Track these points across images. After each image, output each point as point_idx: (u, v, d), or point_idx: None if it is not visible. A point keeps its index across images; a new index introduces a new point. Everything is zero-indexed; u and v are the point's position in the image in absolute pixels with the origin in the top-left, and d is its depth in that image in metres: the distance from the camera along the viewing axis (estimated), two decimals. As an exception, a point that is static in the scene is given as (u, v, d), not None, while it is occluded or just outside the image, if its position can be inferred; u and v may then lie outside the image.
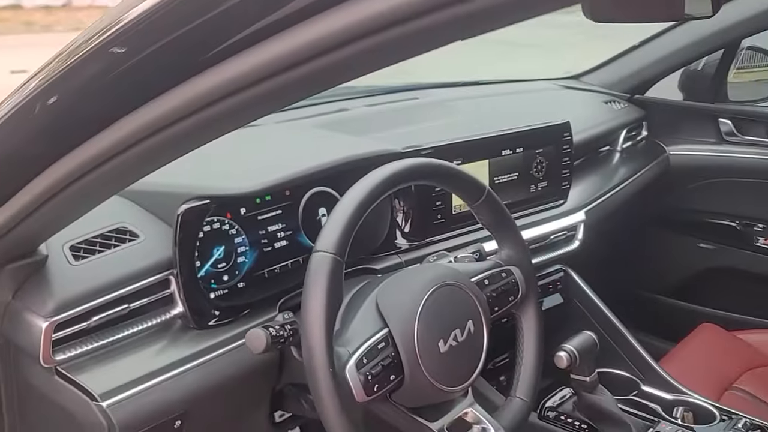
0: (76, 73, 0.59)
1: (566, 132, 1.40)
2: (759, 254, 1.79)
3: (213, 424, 0.95)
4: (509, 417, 0.97)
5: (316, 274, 0.79)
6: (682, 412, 1.25)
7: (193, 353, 0.90)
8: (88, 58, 0.56)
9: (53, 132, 0.65)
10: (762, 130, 1.77)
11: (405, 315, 0.86)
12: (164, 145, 0.59)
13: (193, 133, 0.57)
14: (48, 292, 0.82)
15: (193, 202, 0.91)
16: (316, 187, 1.09)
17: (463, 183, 0.98)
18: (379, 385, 0.82)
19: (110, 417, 0.80)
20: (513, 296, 1.02)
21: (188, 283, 0.91)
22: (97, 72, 0.58)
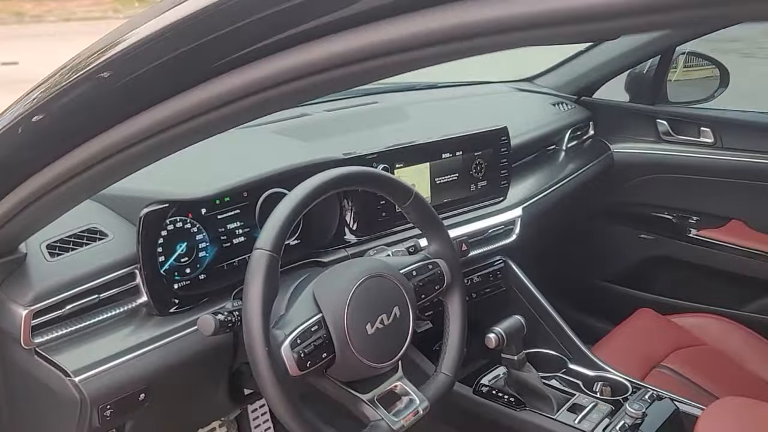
0: (60, 97, 0.69)
1: (504, 136, 1.54)
2: (692, 245, 1.94)
3: (174, 397, 1.07)
4: (433, 390, 1.11)
5: (254, 268, 0.92)
6: (601, 387, 1.39)
7: (155, 336, 1.02)
8: (75, 83, 0.66)
9: (35, 147, 0.74)
10: (695, 130, 1.91)
11: (336, 302, 1.00)
12: (130, 159, 0.69)
13: (154, 149, 0.67)
14: (27, 285, 0.94)
15: (154, 205, 1.03)
16: (271, 188, 1.21)
17: (391, 187, 1.11)
18: (312, 361, 0.95)
19: (82, 390, 0.92)
20: (439, 285, 1.15)
21: (151, 275, 1.04)
22: (78, 96, 0.67)
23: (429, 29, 0.44)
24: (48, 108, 0.71)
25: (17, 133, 0.75)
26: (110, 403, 0.96)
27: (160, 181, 1.11)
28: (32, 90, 0.76)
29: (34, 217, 0.82)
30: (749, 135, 1.85)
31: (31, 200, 0.77)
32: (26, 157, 0.75)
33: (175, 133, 0.64)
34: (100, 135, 0.67)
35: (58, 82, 0.69)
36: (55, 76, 0.72)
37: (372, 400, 1.04)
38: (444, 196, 1.45)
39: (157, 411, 1.05)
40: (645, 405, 1.29)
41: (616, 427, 1.26)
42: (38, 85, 0.75)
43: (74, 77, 0.67)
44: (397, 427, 1.02)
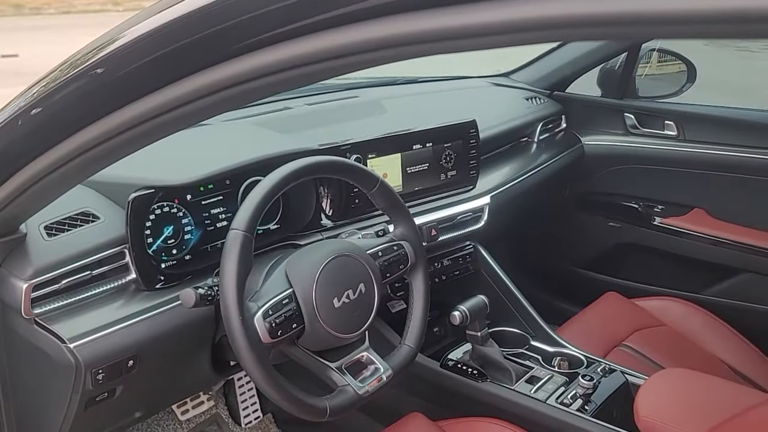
0: (57, 92, 0.76)
1: (472, 128, 1.64)
2: (657, 232, 2.04)
3: (161, 365, 1.17)
4: (397, 360, 1.22)
5: (230, 247, 1.03)
6: (559, 361, 1.50)
7: (143, 309, 1.12)
8: (71, 79, 0.74)
9: (34, 137, 0.82)
10: (660, 123, 2.01)
11: (306, 278, 1.10)
12: (119, 146, 0.76)
13: (139, 137, 0.75)
14: (27, 261, 1.03)
15: (142, 191, 1.13)
16: (252, 176, 1.31)
17: (358, 175, 1.22)
18: (282, 331, 1.06)
19: (76, 355, 1.02)
20: (403, 265, 1.26)
21: (139, 255, 1.13)
22: (73, 90, 0.75)
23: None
24: (45, 102, 0.79)
25: (17, 125, 0.84)
26: (102, 367, 1.05)
27: (149, 168, 1.20)
28: (34, 84, 0.85)
29: (33, 199, 0.90)
30: (710, 128, 1.94)
31: (29, 184, 0.85)
32: (26, 145, 0.83)
33: (157, 123, 0.72)
34: (91, 125, 0.75)
35: (57, 77, 0.79)
36: (55, 71, 0.82)
37: (340, 368, 1.15)
38: (415, 185, 1.55)
39: (144, 377, 1.15)
40: (597, 377, 1.41)
41: (568, 396, 1.37)
42: (40, 79, 0.84)
43: (71, 73, 0.75)
44: (362, 392, 1.13)
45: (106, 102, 0.73)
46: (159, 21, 0.66)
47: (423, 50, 0.53)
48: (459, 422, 1.33)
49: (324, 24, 0.55)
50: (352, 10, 0.52)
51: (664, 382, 1.28)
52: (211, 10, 0.61)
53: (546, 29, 0.45)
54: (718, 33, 0.41)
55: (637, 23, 0.41)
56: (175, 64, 0.66)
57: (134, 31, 0.69)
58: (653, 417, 1.19)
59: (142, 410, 1.28)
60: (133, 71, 0.69)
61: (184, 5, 0.64)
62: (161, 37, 0.66)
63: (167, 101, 0.69)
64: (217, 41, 0.62)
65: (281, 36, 0.58)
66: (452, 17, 0.47)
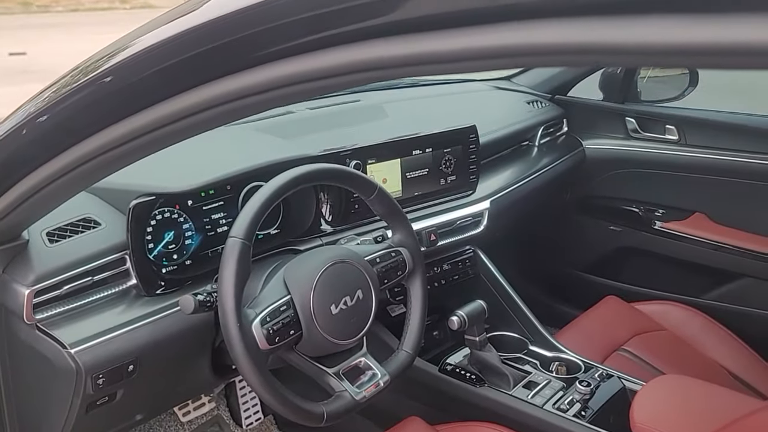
0: (65, 100, 0.77)
1: (472, 134, 1.65)
2: (657, 236, 2.05)
3: (160, 369, 1.19)
4: (394, 365, 1.23)
5: (228, 254, 1.04)
6: (556, 366, 1.51)
7: (143, 314, 1.13)
8: (80, 87, 0.75)
9: (38, 145, 0.83)
10: (660, 127, 2.01)
11: (303, 285, 1.12)
12: (121, 156, 0.77)
13: (142, 147, 0.76)
14: (29, 267, 1.04)
15: (142, 197, 1.14)
16: (253, 182, 1.31)
17: (357, 182, 1.23)
18: (280, 337, 1.07)
19: (77, 360, 1.04)
20: (401, 271, 1.27)
21: (139, 261, 1.15)
22: (81, 99, 0.76)
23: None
24: (52, 110, 0.80)
25: (22, 134, 0.86)
26: (102, 372, 1.07)
27: (150, 175, 1.21)
28: (44, 90, 0.86)
29: (37, 207, 0.91)
30: (711, 133, 1.95)
31: (33, 192, 0.86)
32: (30, 153, 0.84)
33: (162, 133, 0.73)
34: (98, 133, 0.75)
35: (68, 83, 0.80)
36: (66, 77, 0.83)
37: (337, 373, 1.16)
38: (414, 190, 1.56)
39: (145, 381, 1.16)
40: (594, 383, 1.41)
41: (565, 401, 1.38)
42: (50, 85, 0.85)
43: (80, 81, 0.76)
44: (358, 397, 1.14)
45: (113, 111, 0.73)
46: (168, 32, 0.67)
47: (428, 70, 0.54)
48: (457, 427, 1.34)
49: (332, 41, 0.56)
50: (366, 26, 0.53)
51: (660, 388, 1.29)
52: (220, 23, 0.62)
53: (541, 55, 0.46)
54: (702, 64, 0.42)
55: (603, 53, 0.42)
56: (182, 75, 0.67)
57: (143, 41, 0.70)
58: (649, 423, 1.20)
59: (143, 413, 1.30)
60: (141, 81, 0.70)
61: (194, 17, 0.65)
62: (169, 48, 0.67)
63: (172, 112, 0.70)
64: (224, 54, 0.63)
65: (292, 50, 0.59)
66: (457, 40, 0.49)
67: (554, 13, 0.43)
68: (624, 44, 0.40)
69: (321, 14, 0.55)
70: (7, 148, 0.87)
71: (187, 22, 0.65)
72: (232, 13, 0.60)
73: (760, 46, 0.35)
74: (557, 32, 0.42)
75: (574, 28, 0.42)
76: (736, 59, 0.38)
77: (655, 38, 0.38)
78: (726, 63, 0.38)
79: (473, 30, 0.46)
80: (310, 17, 0.56)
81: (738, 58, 0.37)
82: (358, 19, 0.52)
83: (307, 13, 0.56)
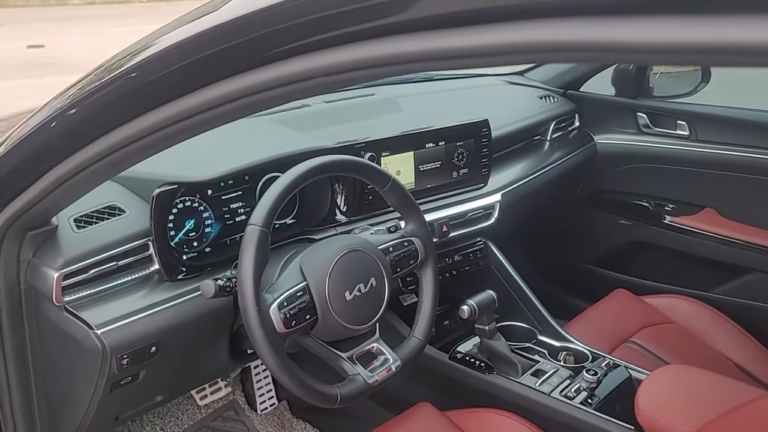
0: (91, 95, 0.82)
1: (484, 128, 1.68)
2: (667, 230, 2.07)
3: (181, 352, 1.24)
4: (406, 351, 1.27)
5: (247, 241, 1.08)
6: (564, 356, 1.54)
7: (165, 298, 1.18)
8: (106, 83, 0.79)
9: (67, 137, 0.87)
10: (671, 123, 2.03)
11: (319, 272, 1.16)
12: (145, 147, 0.82)
13: (165, 139, 0.81)
14: (58, 252, 1.09)
15: (165, 186, 1.18)
16: (270, 173, 1.35)
17: (371, 174, 1.26)
18: (297, 321, 1.11)
19: (103, 341, 1.09)
20: (413, 260, 1.31)
21: (162, 247, 1.19)
22: (107, 94, 0.80)
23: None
24: (80, 105, 0.85)
25: (52, 127, 0.90)
26: (126, 353, 1.12)
27: (173, 165, 1.25)
28: (70, 87, 0.91)
29: (65, 194, 0.96)
30: (722, 128, 1.96)
31: (62, 181, 0.91)
32: (60, 145, 0.89)
33: (182, 126, 0.78)
34: (121, 127, 0.80)
35: (92, 81, 0.84)
36: (90, 75, 0.87)
37: (351, 358, 1.20)
38: (427, 182, 1.60)
39: (166, 363, 1.21)
40: (601, 372, 1.45)
41: (572, 389, 1.41)
42: (76, 82, 0.90)
43: (106, 77, 0.81)
44: (371, 381, 1.18)
45: (138, 105, 0.78)
46: (189, 32, 0.71)
47: (439, 66, 0.58)
48: (466, 412, 1.38)
49: (343, 39, 0.60)
50: (379, 24, 0.56)
51: (665, 377, 1.32)
52: (241, 22, 0.66)
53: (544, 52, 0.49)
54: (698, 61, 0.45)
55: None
56: (202, 72, 0.71)
57: (166, 39, 0.74)
58: (653, 411, 1.23)
59: (163, 394, 1.35)
60: (163, 77, 0.74)
61: (216, 17, 0.69)
62: (191, 46, 0.71)
63: (194, 106, 0.74)
64: (245, 51, 0.67)
65: (307, 47, 0.63)
66: (467, 38, 0.52)
67: (569, 12, 0.46)
68: (635, 43, 0.43)
69: (340, 12, 0.58)
70: (38, 140, 0.92)
71: (209, 21, 0.69)
72: (252, 12, 0.64)
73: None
74: (573, 31, 0.46)
75: (587, 27, 0.45)
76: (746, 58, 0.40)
77: (668, 38, 0.41)
78: (737, 61, 0.41)
79: (491, 28, 0.50)
80: (329, 15, 0.59)
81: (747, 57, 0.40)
82: (379, 16, 0.56)
83: (325, 12, 0.59)
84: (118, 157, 0.84)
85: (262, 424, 1.91)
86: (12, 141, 0.95)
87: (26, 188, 0.95)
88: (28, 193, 0.95)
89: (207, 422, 1.87)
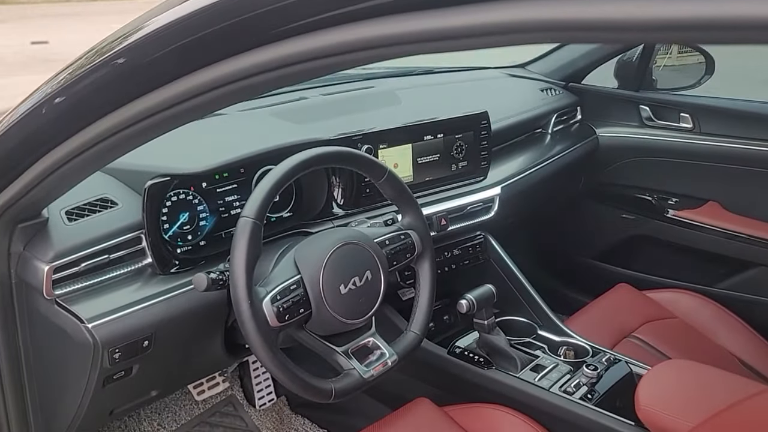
0: (80, 80, 0.80)
1: (484, 120, 1.66)
2: (670, 224, 2.04)
3: (174, 346, 1.22)
4: (402, 345, 1.25)
5: (239, 234, 1.06)
6: (564, 350, 1.52)
7: (158, 292, 1.16)
8: (94, 68, 0.77)
9: (56, 125, 0.85)
10: (675, 115, 2.01)
11: (313, 265, 1.14)
12: (135, 135, 0.80)
13: (160, 124, 0.78)
14: (49, 245, 1.07)
15: (157, 178, 1.17)
16: (265, 165, 1.34)
17: (366, 165, 1.24)
18: (290, 315, 1.10)
19: (94, 335, 1.07)
20: (410, 254, 1.29)
21: (155, 240, 1.18)
22: (95, 80, 0.78)
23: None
24: (68, 91, 0.83)
25: (41, 113, 0.88)
26: (118, 347, 1.10)
27: (166, 156, 1.24)
28: (60, 71, 0.89)
29: (55, 185, 0.94)
30: (726, 121, 1.94)
31: (53, 170, 0.88)
32: (49, 133, 0.87)
33: (174, 112, 0.76)
34: (110, 114, 0.78)
35: (82, 65, 0.82)
36: (81, 59, 0.85)
37: (346, 352, 1.18)
38: (426, 175, 1.58)
39: (159, 357, 1.20)
40: (602, 367, 1.43)
41: (572, 384, 1.39)
42: (66, 66, 0.88)
43: (95, 61, 0.78)
44: (366, 375, 1.16)
45: (127, 90, 0.76)
46: (180, 12, 0.69)
47: (439, 47, 0.56)
48: (464, 408, 1.36)
49: (341, 19, 0.58)
50: (373, 5, 0.54)
51: (666, 372, 1.30)
52: (231, 3, 0.64)
53: (548, 31, 0.48)
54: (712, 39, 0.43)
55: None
56: (194, 55, 0.69)
57: (156, 21, 0.72)
58: (653, 406, 1.21)
59: (158, 389, 1.33)
60: (154, 61, 0.72)
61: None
62: (181, 28, 0.69)
63: (185, 91, 0.72)
64: (235, 34, 0.65)
65: (299, 29, 0.61)
66: (468, 16, 0.50)
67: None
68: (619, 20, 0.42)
69: None
70: (27, 127, 0.90)
71: (200, 2, 0.67)
72: None
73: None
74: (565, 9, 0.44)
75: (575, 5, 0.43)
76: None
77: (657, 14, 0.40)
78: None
79: (489, 6, 0.48)
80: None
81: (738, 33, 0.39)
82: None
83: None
84: (109, 144, 0.82)
85: (260, 419, 1.90)
86: (1, 129, 0.93)
87: (15, 178, 0.93)
88: (17, 183, 0.93)
89: (205, 417, 1.86)
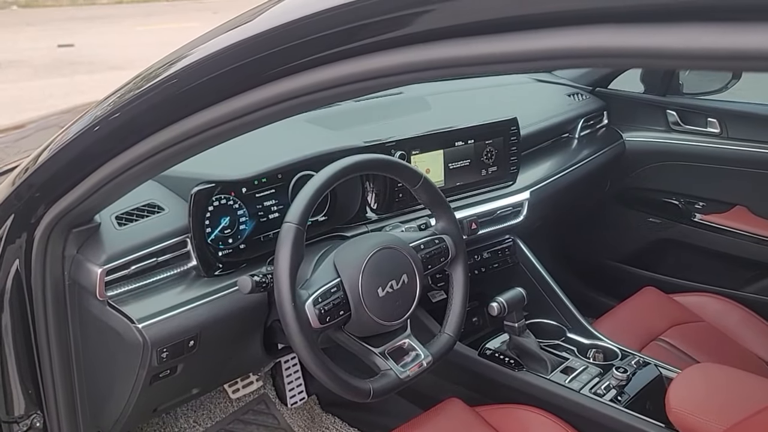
0: (132, 101, 0.86)
1: (513, 126, 1.69)
2: (697, 228, 2.06)
3: (217, 345, 1.27)
4: (437, 347, 1.28)
5: (284, 238, 1.11)
6: (594, 353, 1.54)
7: (203, 294, 1.21)
8: (145, 90, 0.83)
9: (110, 141, 0.91)
10: (702, 120, 2.02)
11: (353, 268, 1.18)
12: (184, 150, 0.86)
13: (202, 143, 0.85)
14: (101, 248, 1.12)
15: (203, 185, 1.22)
16: (302, 171, 1.38)
17: (403, 172, 1.28)
18: (331, 317, 1.14)
19: (144, 335, 1.12)
20: (444, 258, 1.32)
21: (199, 243, 1.22)
22: (147, 100, 0.84)
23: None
24: (121, 110, 0.89)
25: (95, 131, 0.94)
26: (166, 346, 1.15)
27: (209, 164, 1.29)
28: (110, 95, 0.95)
29: (108, 194, 1.00)
30: (753, 126, 1.94)
31: (106, 181, 0.95)
32: (103, 148, 0.93)
33: (218, 131, 0.82)
34: (163, 130, 0.84)
35: (131, 89, 0.88)
36: (129, 84, 0.91)
37: (383, 353, 1.22)
38: (456, 180, 1.61)
39: (203, 357, 1.24)
40: (631, 369, 1.45)
41: (601, 387, 1.42)
42: (115, 91, 0.94)
43: (145, 86, 0.85)
44: (403, 376, 1.20)
45: (176, 110, 0.81)
46: (226, 41, 0.74)
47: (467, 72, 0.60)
48: (495, 408, 1.39)
49: (379, 46, 0.62)
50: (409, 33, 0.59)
51: (696, 375, 1.32)
52: (271, 34, 0.69)
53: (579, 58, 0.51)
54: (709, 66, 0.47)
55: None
56: (237, 80, 0.74)
57: (202, 49, 0.78)
58: (684, 409, 1.23)
59: (199, 387, 1.38)
60: (201, 85, 0.78)
61: (245, 29, 0.72)
62: (227, 56, 0.74)
63: (230, 111, 0.78)
64: (275, 60, 0.69)
65: (339, 55, 0.65)
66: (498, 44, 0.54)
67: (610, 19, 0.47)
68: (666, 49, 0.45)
69: (379, 21, 0.61)
70: (81, 144, 0.95)
71: (245, 32, 0.72)
72: (285, 23, 0.67)
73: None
74: (612, 37, 0.47)
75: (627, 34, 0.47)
76: None
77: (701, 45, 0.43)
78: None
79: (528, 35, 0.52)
80: (366, 24, 0.62)
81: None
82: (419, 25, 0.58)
83: (361, 21, 0.62)
84: (160, 158, 0.88)
85: (292, 417, 1.94)
86: (56, 145, 0.99)
87: (71, 189, 0.98)
88: (72, 193, 0.99)
89: (238, 415, 1.91)
